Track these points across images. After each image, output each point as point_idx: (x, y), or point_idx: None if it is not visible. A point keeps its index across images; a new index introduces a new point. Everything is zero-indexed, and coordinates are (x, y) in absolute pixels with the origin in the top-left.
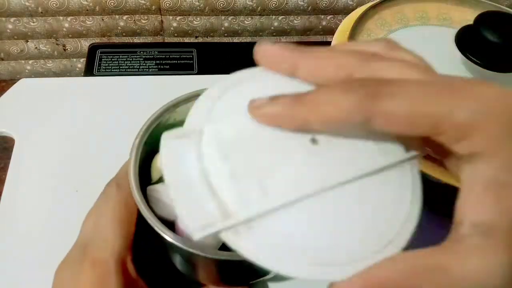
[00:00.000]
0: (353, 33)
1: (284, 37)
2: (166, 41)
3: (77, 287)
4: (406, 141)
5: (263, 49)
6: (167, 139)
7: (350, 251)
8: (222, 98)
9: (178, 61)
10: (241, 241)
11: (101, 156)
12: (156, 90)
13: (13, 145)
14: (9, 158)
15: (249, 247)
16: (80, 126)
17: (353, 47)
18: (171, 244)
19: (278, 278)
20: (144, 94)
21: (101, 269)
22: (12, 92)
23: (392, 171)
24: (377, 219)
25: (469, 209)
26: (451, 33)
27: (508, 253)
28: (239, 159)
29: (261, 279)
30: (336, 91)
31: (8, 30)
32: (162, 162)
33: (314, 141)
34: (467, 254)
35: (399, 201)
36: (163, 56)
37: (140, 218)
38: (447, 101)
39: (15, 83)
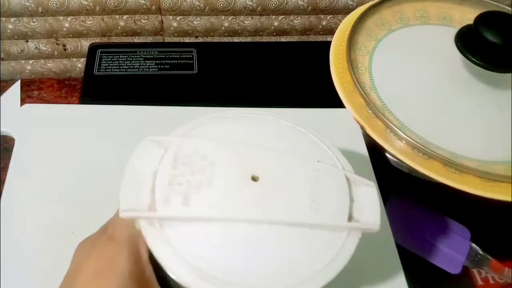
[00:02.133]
0: (353, 33)
1: (284, 37)
2: (166, 41)
3: (89, 259)
4: None
5: None
6: (145, 140)
7: (237, 282)
8: (205, 125)
9: (178, 61)
10: (151, 232)
11: (104, 157)
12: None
13: (13, 144)
14: (9, 158)
15: (154, 239)
16: (82, 127)
17: None
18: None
19: None
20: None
21: (114, 245)
22: (12, 90)
23: (322, 231)
24: (281, 267)
25: None
26: (451, 32)
27: None
28: (182, 170)
29: None
30: None
31: (8, 30)
32: (132, 154)
33: (254, 178)
34: None
35: (313, 259)
36: (163, 56)
37: None
38: None
39: (15, 83)
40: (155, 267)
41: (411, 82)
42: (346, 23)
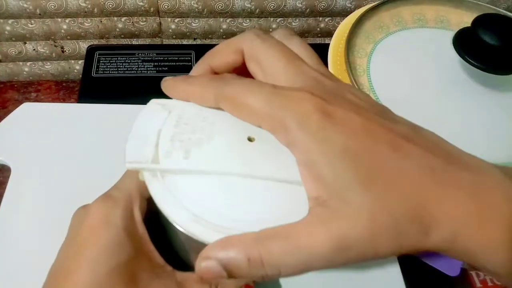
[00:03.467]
0: (351, 35)
1: None
2: (164, 43)
3: (88, 216)
4: None
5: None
6: (152, 102)
7: (228, 226)
8: None
9: (177, 63)
10: (154, 182)
11: (102, 155)
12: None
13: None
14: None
15: (156, 188)
16: (81, 125)
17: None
18: (181, 233)
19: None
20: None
21: (110, 202)
22: (12, 117)
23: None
24: (269, 216)
25: (305, 186)
26: (449, 35)
27: (335, 222)
28: (183, 129)
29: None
30: (205, 79)
31: (6, 32)
32: (139, 114)
33: (250, 139)
34: (305, 225)
35: (299, 212)
36: (161, 58)
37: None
38: (264, 104)
39: (13, 84)
40: (149, 229)
41: (410, 84)
42: (344, 26)
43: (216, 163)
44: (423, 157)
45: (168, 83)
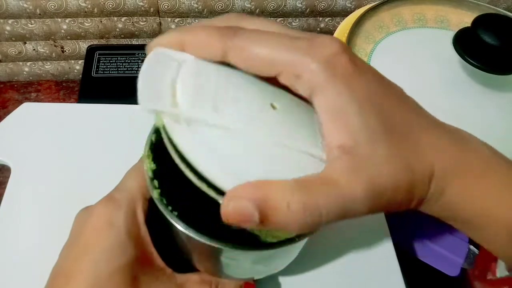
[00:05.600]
0: (351, 36)
1: None
2: None
3: (90, 218)
4: None
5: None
6: (156, 52)
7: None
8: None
9: None
10: (177, 128)
11: (103, 155)
12: None
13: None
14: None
15: (180, 135)
16: (81, 125)
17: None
18: (182, 233)
19: (285, 274)
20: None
21: (113, 204)
22: (12, 117)
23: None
24: (288, 174)
25: (329, 135)
26: (449, 35)
27: (366, 169)
28: (208, 80)
29: (265, 275)
30: (210, 27)
31: (6, 32)
32: (146, 60)
33: (273, 106)
34: (340, 173)
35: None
36: None
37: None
38: (284, 49)
39: (13, 84)
40: (151, 231)
41: (409, 84)
42: (344, 26)
43: (246, 120)
44: (421, 114)
45: (155, 39)
